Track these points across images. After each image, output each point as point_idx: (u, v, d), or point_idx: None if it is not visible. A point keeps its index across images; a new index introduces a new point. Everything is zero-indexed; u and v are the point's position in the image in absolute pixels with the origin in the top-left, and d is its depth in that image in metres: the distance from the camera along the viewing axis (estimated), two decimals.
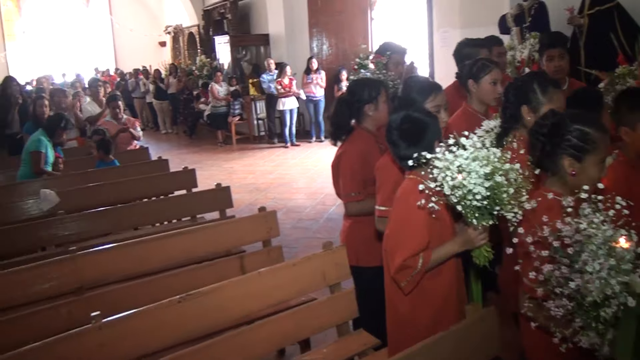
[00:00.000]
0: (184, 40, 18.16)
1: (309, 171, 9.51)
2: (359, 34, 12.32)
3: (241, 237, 3.77)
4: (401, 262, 2.32)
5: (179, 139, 14.79)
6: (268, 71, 12.11)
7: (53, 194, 5.02)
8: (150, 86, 15.83)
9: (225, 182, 8.79)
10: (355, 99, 3.20)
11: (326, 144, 11.71)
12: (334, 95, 11.77)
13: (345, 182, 3.19)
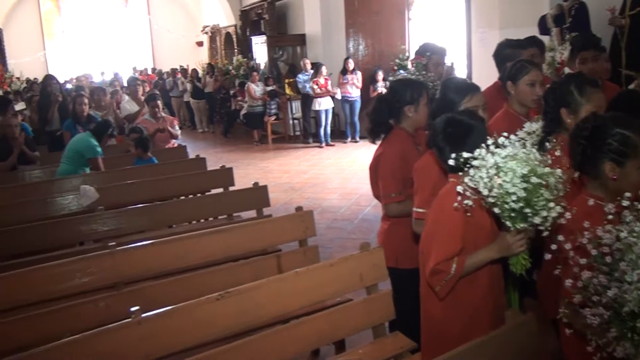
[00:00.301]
0: (221, 40, 18.32)
1: (343, 171, 9.49)
2: (395, 35, 12.25)
3: (278, 236, 3.77)
4: (434, 266, 2.30)
5: (215, 138, 14.93)
6: (304, 71, 12.13)
7: (92, 190, 5.11)
8: (187, 85, 16.03)
9: (261, 181, 8.84)
10: (396, 99, 3.16)
11: (361, 144, 11.69)
12: (369, 95, 11.76)
13: (385, 183, 3.15)
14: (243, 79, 14.34)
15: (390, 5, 12.12)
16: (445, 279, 2.29)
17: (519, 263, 2.27)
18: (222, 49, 18.18)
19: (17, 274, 3.15)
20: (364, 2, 12.10)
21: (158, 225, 4.82)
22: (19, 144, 6.18)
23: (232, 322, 2.66)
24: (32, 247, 4.40)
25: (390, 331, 3.17)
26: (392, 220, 3.19)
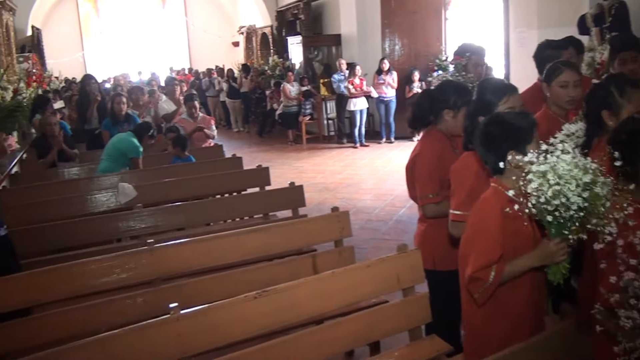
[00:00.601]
0: (256, 40, 18.44)
1: (378, 172, 9.46)
2: (432, 35, 12.16)
3: (314, 236, 3.78)
4: (472, 274, 2.27)
5: (250, 137, 15.03)
6: (339, 71, 12.11)
7: (131, 188, 5.19)
8: (224, 85, 16.17)
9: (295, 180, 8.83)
10: (440, 99, 3.13)
11: (396, 145, 11.65)
12: (405, 96, 11.70)
13: (423, 184, 3.12)
14: (278, 79, 14.41)
15: (427, 4, 12.03)
16: (483, 286, 2.26)
17: (559, 272, 2.23)
18: (258, 49, 18.30)
19: (58, 269, 3.23)
20: (401, 1, 12.03)
21: (194, 223, 4.88)
22: (58, 142, 6.31)
23: (269, 321, 2.67)
24: (70, 242, 4.51)
25: (426, 334, 3.14)
26: (430, 222, 3.15)
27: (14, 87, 6.30)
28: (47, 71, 14.01)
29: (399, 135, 11.96)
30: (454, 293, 2.69)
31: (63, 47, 20.18)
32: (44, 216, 4.98)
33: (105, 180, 5.71)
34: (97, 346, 2.36)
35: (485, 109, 2.74)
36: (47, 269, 3.24)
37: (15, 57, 11.06)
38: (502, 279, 2.27)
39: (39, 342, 3.04)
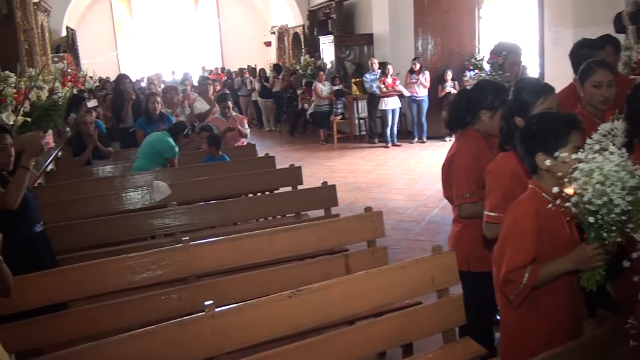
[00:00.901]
0: (288, 40, 18.48)
1: (410, 172, 9.40)
2: (465, 34, 12.05)
3: (347, 235, 3.76)
4: (505, 274, 2.24)
5: (281, 137, 15.09)
6: (371, 70, 12.07)
7: (165, 186, 5.25)
8: (256, 85, 16.25)
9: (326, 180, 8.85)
10: (477, 99, 3.09)
11: (428, 145, 11.56)
12: (438, 95, 11.61)
13: (460, 183, 3.08)
14: (310, 78, 14.43)
15: (460, 3, 11.92)
16: (517, 288, 2.23)
17: (593, 279, 2.20)
18: (290, 49, 18.34)
19: (94, 265, 3.28)
20: (434, 0, 11.94)
21: (227, 222, 4.91)
22: (93, 140, 6.40)
23: (303, 320, 2.67)
24: (105, 239, 4.58)
25: (460, 336, 3.10)
26: (464, 222, 3.11)
27: (49, 87, 6.38)
28: (82, 71, 14.22)
29: (432, 135, 11.88)
30: (488, 295, 2.65)
31: (97, 47, 20.50)
32: (78, 213, 5.07)
33: (140, 178, 5.78)
34: (133, 341, 2.39)
35: (521, 109, 2.70)
36: (83, 265, 3.29)
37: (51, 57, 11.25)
38: (536, 282, 2.23)
39: (74, 337, 3.11)
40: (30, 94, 5.34)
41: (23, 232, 3.43)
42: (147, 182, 5.67)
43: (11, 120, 4.24)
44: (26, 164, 3.28)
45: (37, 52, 8.88)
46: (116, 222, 4.63)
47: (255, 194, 5.95)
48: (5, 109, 4.35)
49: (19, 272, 3.06)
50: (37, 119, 5.49)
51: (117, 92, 8.61)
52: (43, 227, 3.63)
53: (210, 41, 23.91)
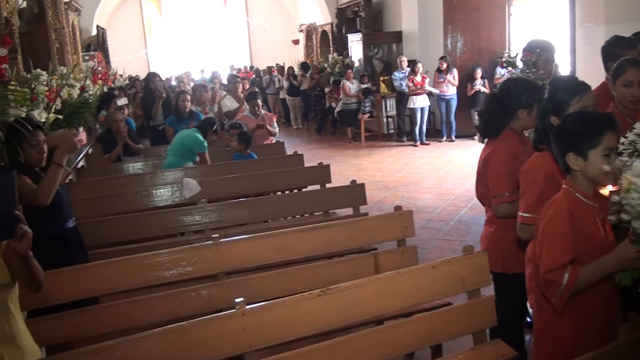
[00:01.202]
0: (316, 38, 18.49)
1: (438, 171, 9.33)
2: (495, 31, 11.92)
3: (376, 234, 3.74)
4: (544, 275, 2.20)
5: (309, 135, 15.10)
6: (400, 69, 12.01)
7: (195, 183, 5.28)
8: (284, 83, 16.30)
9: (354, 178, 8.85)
10: (511, 100, 3.03)
11: (457, 143, 11.47)
12: (467, 93, 11.50)
13: (498, 182, 3.01)
14: (338, 76, 14.41)
15: (490, 0, 11.78)
16: (558, 289, 2.18)
17: (629, 277, 2.14)
18: (318, 47, 18.34)
19: (126, 260, 3.31)
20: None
21: (257, 219, 4.91)
22: (123, 137, 6.47)
23: (332, 319, 2.66)
24: (135, 235, 4.63)
25: (491, 338, 3.06)
26: (500, 223, 3.05)
27: (80, 85, 6.46)
28: (112, 69, 14.41)
29: (460, 133, 11.78)
30: (521, 297, 2.61)
31: (127, 45, 20.75)
32: (109, 209, 5.13)
33: (170, 175, 5.82)
34: (163, 337, 2.41)
35: (556, 108, 2.66)
36: (114, 260, 3.33)
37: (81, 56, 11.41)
38: (577, 283, 2.18)
39: (105, 331, 3.14)
40: (62, 92, 5.41)
41: (55, 228, 3.47)
42: (176, 179, 5.71)
43: (43, 118, 4.28)
44: (59, 161, 3.32)
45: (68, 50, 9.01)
46: (146, 218, 4.67)
47: (283, 192, 5.97)
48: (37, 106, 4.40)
49: (51, 268, 3.11)
50: (69, 117, 5.56)
51: (147, 90, 8.71)
52: (75, 222, 3.68)
53: (238, 39, 24.03)
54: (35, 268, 2.22)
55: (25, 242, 2.02)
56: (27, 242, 2.03)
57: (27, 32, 7.52)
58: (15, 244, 2.01)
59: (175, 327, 2.43)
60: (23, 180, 3.21)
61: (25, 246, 2.02)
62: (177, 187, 5.30)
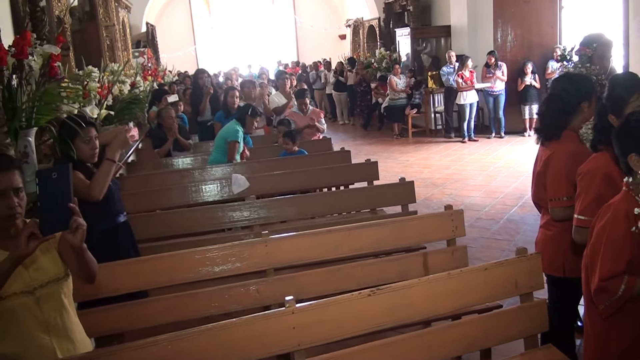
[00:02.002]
0: (363, 33, 18.40)
1: (487, 168, 9.16)
2: (547, 24, 11.62)
3: (426, 233, 3.69)
4: (599, 283, 2.13)
5: (355, 130, 15.06)
6: (448, 64, 11.83)
7: (244, 179, 5.31)
8: (330, 78, 16.28)
9: (401, 174, 8.75)
10: (572, 96, 2.94)
11: (506, 140, 11.25)
12: (517, 88, 11.27)
13: (557, 185, 2.92)
14: (385, 72, 14.31)
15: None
16: (611, 298, 2.12)
17: None
18: (365, 42, 18.25)
19: (177, 255, 3.37)
20: None
21: (304, 216, 4.92)
22: (174, 133, 6.56)
23: (382, 319, 2.63)
24: (185, 229, 4.72)
25: (542, 343, 2.98)
26: (560, 226, 2.93)
27: (131, 81, 6.59)
28: (161, 65, 14.63)
29: (510, 130, 11.55)
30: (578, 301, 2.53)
31: (176, 42, 21.07)
32: (158, 203, 5.24)
33: (218, 170, 5.88)
34: (214, 333, 2.42)
35: (615, 107, 2.58)
36: (165, 255, 3.39)
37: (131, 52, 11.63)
38: (633, 293, 2.11)
39: (154, 324, 3.20)
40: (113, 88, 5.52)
41: (107, 223, 3.53)
42: (224, 174, 5.77)
43: (95, 114, 4.38)
44: (112, 156, 3.38)
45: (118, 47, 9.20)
46: (196, 213, 4.74)
47: (330, 189, 5.95)
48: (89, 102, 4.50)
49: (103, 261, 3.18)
50: (119, 112, 5.67)
51: (196, 86, 8.81)
52: (126, 217, 3.73)
53: (285, 35, 24.13)
54: (89, 260, 2.26)
55: (79, 235, 2.04)
56: (82, 235, 2.05)
57: (79, 29, 7.71)
58: (69, 236, 2.04)
59: (226, 323, 2.45)
60: (76, 175, 3.27)
61: (79, 238, 2.05)
62: (225, 182, 5.34)
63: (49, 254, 2.26)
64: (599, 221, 2.24)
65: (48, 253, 2.26)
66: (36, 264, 2.21)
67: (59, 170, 2.03)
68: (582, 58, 4.21)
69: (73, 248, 2.11)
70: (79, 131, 3.29)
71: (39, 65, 3.35)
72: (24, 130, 3.31)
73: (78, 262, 2.23)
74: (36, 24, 4.54)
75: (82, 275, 2.31)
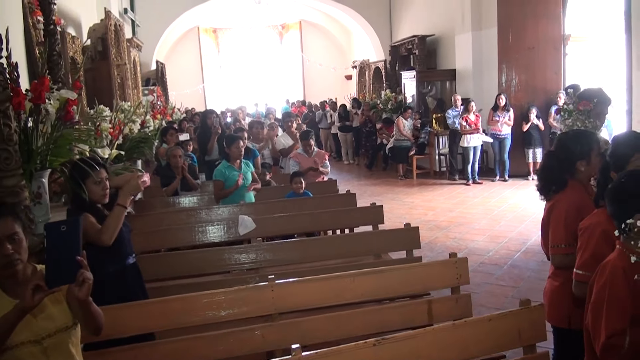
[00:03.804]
0: (369, 74, 18.67)
1: (491, 212, 9.19)
2: (551, 70, 11.79)
3: (430, 281, 3.72)
4: (605, 342, 2.17)
5: (359, 170, 15.16)
6: (454, 107, 11.98)
7: (250, 220, 5.36)
8: (336, 118, 16.45)
9: (406, 217, 8.83)
10: (567, 155, 3.08)
11: (511, 183, 11.31)
12: (522, 131, 11.37)
13: (557, 232, 3.02)
14: (390, 113, 14.46)
15: (546, 40, 11.69)
16: (619, 352, 2.15)
17: None
18: (370, 83, 18.50)
19: (184, 298, 3.41)
20: (518, 37, 11.77)
21: (309, 260, 4.93)
22: (180, 172, 6.64)
23: None
24: (191, 270, 4.75)
25: None
26: (565, 277, 3.00)
27: (141, 120, 6.70)
28: (170, 103, 14.83)
29: (514, 173, 11.62)
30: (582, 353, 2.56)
31: (185, 79, 21.39)
32: (165, 243, 5.29)
33: (225, 210, 5.94)
34: None
35: (617, 164, 2.65)
36: (172, 298, 3.42)
37: (141, 90, 11.84)
38: None
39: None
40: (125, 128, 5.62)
41: (116, 265, 3.57)
42: (231, 215, 5.83)
43: (106, 154, 4.46)
44: (123, 202, 3.43)
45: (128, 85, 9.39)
46: (203, 255, 4.77)
47: (335, 231, 5.99)
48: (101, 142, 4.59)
49: (111, 303, 3.22)
50: (129, 151, 5.77)
51: (204, 126, 8.94)
52: (135, 259, 3.78)
53: (293, 74, 24.48)
54: (95, 312, 2.27)
55: (85, 288, 2.06)
56: (87, 288, 2.07)
57: (90, 68, 7.89)
58: (76, 289, 2.06)
59: None
60: (88, 219, 3.33)
61: (85, 292, 2.07)
62: (232, 223, 5.39)
63: (59, 304, 2.27)
64: (597, 280, 2.29)
65: (57, 303, 2.27)
66: (44, 312, 2.21)
67: (68, 223, 2.05)
68: (584, 112, 4.30)
69: (79, 301, 2.13)
70: (90, 172, 3.36)
71: (55, 109, 3.44)
72: (38, 172, 3.39)
73: (84, 315, 2.25)
74: (52, 67, 4.67)
75: (87, 328, 2.33)
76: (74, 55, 6.62)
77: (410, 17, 16.80)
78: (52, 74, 4.61)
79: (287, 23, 23.93)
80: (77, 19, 8.05)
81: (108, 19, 8.23)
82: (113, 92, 8.16)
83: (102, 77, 8.23)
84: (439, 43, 14.86)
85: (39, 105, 3.32)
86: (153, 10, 16.00)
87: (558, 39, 11.67)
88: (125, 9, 12.77)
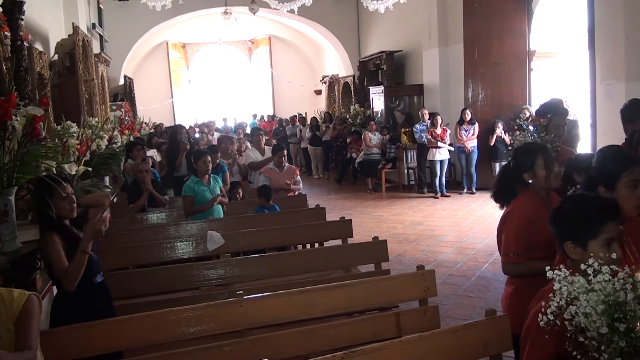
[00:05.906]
0: (339, 89, 18.82)
1: (459, 224, 9.31)
2: (517, 85, 12.02)
3: (398, 293, 3.76)
4: None
5: (329, 184, 15.22)
6: (421, 121, 12.14)
7: (219, 236, 5.35)
8: (306, 133, 16.51)
9: (375, 230, 8.88)
10: (515, 167, 3.25)
11: (478, 196, 11.46)
12: (488, 144, 11.55)
13: (507, 242, 3.15)
14: (359, 127, 14.58)
15: (512, 56, 11.92)
16: None
17: None
18: (340, 98, 18.64)
19: (151, 316, 3.37)
20: (484, 52, 11.99)
21: (279, 274, 4.93)
22: (148, 187, 6.59)
23: None
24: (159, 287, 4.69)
25: None
26: (517, 283, 3.14)
27: (108, 136, 6.64)
28: (138, 118, 14.70)
29: (481, 186, 11.78)
30: None
31: (153, 94, 21.19)
32: (133, 260, 5.24)
33: (193, 226, 5.91)
34: None
35: (606, 179, 2.72)
36: (140, 315, 3.39)
37: (109, 106, 11.73)
38: None
39: None
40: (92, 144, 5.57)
41: (84, 284, 3.49)
42: (199, 230, 5.80)
43: (74, 171, 4.42)
44: (84, 248, 3.31)
45: (96, 101, 9.30)
46: (171, 271, 4.73)
47: (305, 245, 6.01)
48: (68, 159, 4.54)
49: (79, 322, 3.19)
50: (96, 167, 5.71)
51: (173, 141, 8.88)
52: (103, 277, 3.73)
53: (262, 89, 24.49)
54: None
55: None
56: None
57: (58, 83, 7.79)
58: None
59: None
60: (55, 246, 3.29)
61: None
62: (200, 239, 5.37)
63: None
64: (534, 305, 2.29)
65: None
66: None
67: None
68: (538, 127, 4.42)
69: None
70: (57, 188, 3.32)
71: (22, 125, 3.40)
72: (5, 189, 3.35)
73: None
74: (19, 83, 4.60)
75: None
76: (41, 71, 6.55)
77: (378, 33, 17.00)
78: (19, 90, 4.54)
79: (257, 38, 23.97)
80: (44, 34, 7.97)
81: (76, 34, 8.16)
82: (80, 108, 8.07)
83: (69, 93, 8.13)
84: (406, 58, 15.06)
85: (6, 122, 3.28)
86: (121, 25, 15.92)
87: (523, 54, 11.90)
88: (93, 24, 12.66)
